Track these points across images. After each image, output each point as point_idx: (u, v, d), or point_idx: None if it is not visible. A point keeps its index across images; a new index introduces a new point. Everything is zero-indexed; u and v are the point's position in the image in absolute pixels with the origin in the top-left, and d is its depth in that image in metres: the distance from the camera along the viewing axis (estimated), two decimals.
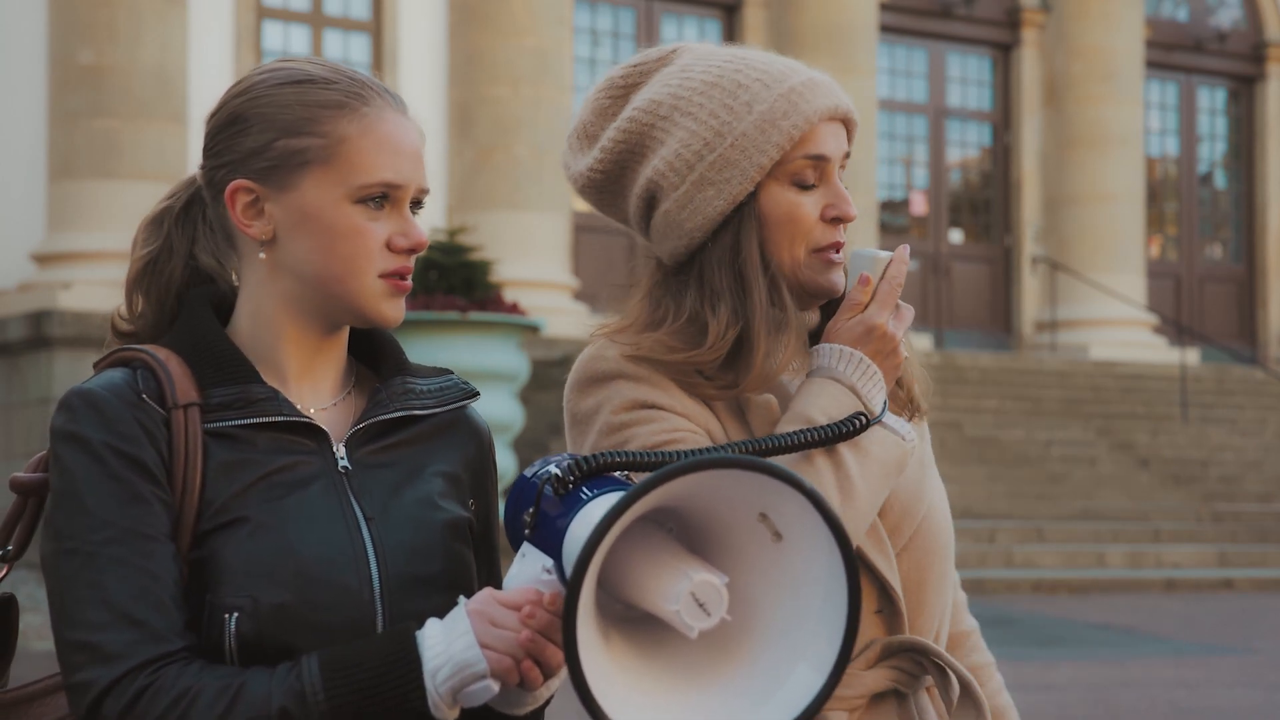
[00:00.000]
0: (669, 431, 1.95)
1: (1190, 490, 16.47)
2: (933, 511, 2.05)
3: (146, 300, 1.89)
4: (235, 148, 1.81)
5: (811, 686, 1.55)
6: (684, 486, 1.51)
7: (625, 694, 1.53)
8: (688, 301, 2.01)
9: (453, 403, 1.92)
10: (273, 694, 1.64)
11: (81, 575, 1.69)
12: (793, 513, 1.54)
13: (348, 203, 1.78)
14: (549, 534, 1.63)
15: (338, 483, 1.80)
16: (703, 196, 1.99)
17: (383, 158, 1.78)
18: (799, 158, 1.98)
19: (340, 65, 1.86)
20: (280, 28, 16.61)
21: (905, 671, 2.01)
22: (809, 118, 1.97)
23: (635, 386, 1.98)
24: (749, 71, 2.01)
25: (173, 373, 1.78)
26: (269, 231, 1.81)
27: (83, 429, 1.73)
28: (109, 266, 13.71)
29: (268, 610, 1.71)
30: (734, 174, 1.98)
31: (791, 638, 1.57)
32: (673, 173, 2.01)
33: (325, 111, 1.79)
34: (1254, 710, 8.04)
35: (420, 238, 1.81)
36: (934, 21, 20.55)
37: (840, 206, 2.00)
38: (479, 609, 1.65)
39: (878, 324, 1.96)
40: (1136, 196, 20.18)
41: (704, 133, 1.99)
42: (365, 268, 1.79)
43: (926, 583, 2.03)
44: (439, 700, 1.64)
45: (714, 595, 1.54)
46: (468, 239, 12.32)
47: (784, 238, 2.00)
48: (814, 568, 1.55)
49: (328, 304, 1.81)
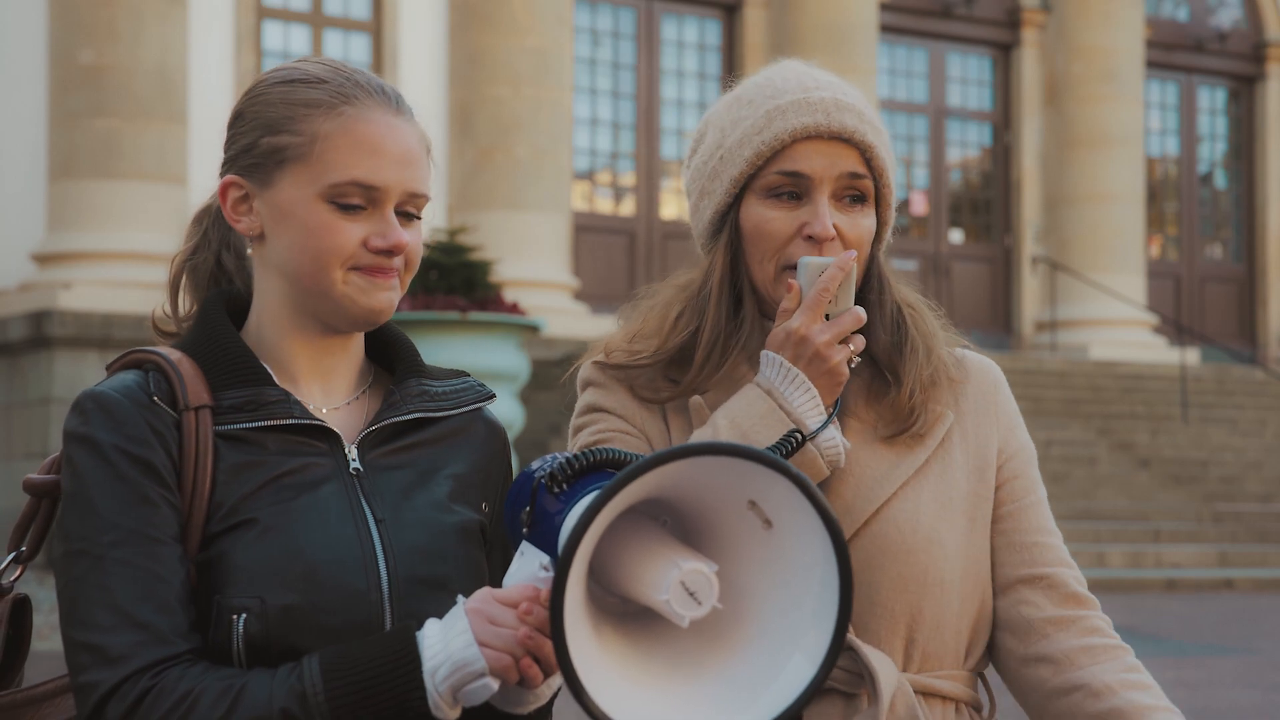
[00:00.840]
0: (599, 433, 2.08)
1: (1190, 490, 16.47)
2: (895, 514, 2.03)
3: (195, 299, 1.92)
4: (232, 145, 1.85)
5: (804, 676, 1.55)
6: (668, 476, 1.52)
7: (615, 684, 1.53)
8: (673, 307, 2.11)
9: (467, 405, 1.93)
10: (274, 694, 1.65)
11: (89, 577, 1.70)
12: (781, 499, 1.55)
13: (320, 201, 1.78)
14: (545, 531, 1.64)
15: (349, 485, 1.81)
16: (702, 205, 2.10)
17: (357, 157, 1.78)
18: (774, 173, 2.03)
19: (344, 66, 1.86)
20: (281, 28, 16.61)
21: (846, 670, 1.99)
22: (779, 135, 2.01)
23: (594, 392, 2.12)
24: (765, 87, 2.07)
25: (185, 375, 1.78)
26: (257, 227, 1.83)
27: (93, 431, 1.74)
28: (109, 266, 13.71)
29: (275, 612, 1.72)
30: (717, 186, 2.06)
31: (784, 626, 1.57)
32: (692, 181, 2.12)
33: (304, 110, 1.80)
34: (1254, 710, 8.04)
35: (398, 239, 1.79)
36: (934, 21, 20.55)
37: (813, 225, 2.01)
38: (477, 607, 1.65)
39: (794, 329, 1.97)
40: (1137, 196, 20.18)
41: (711, 145, 2.09)
42: (335, 264, 1.79)
43: (878, 585, 2.01)
44: (439, 699, 1.65)
45: (704, 584, 1.54)
46: (468, 239, 12.32)
47: (756, 251, 2.05)
48: (805, 555, 1.56)
49: (311, 300, 1.82)
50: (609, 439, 2.06)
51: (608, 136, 18.68)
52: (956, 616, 2.06)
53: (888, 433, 2.07)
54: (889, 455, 2.06)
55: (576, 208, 17.91)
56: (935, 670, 2.05)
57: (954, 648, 2.06)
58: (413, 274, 1.85)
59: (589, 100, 18.43)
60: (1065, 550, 2.14)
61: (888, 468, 2.05)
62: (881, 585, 2.01)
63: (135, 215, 13.83)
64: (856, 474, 2.03)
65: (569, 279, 16.57)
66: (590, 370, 2.12)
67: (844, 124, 2.02)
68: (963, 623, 2.07)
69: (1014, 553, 2.10)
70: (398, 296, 1.83)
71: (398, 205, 1.81)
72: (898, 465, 2.05)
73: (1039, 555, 2.11)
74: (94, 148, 14.04)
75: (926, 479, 2.06)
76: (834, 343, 1.97)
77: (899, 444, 2.07)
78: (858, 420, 2.07)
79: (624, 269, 18.26)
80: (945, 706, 2.05)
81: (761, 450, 1.52)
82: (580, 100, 18.17)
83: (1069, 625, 2.09)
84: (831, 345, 1.97)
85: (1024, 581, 2.09)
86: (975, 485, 2.10)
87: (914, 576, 2.02)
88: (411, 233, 1.82)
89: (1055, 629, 2.08)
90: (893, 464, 2.05)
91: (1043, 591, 2.09)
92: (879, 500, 2.03)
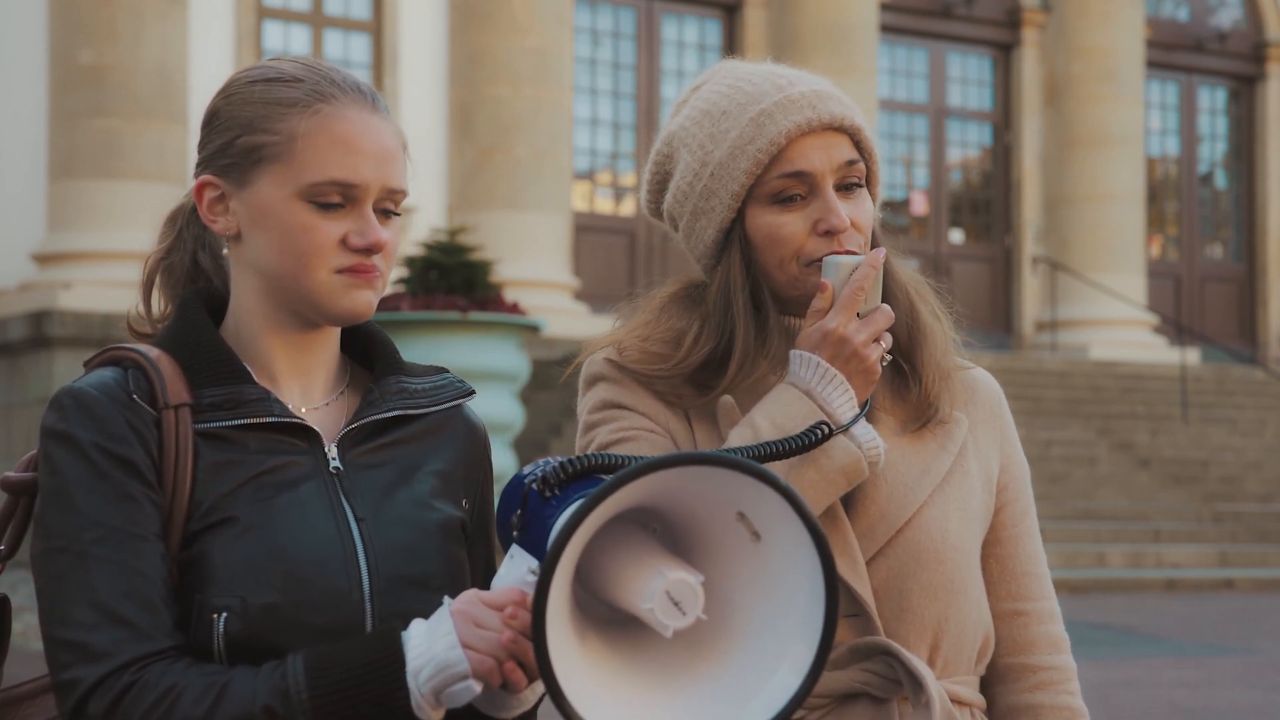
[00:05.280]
0: (623, 430, 2.03)
1: (1190, 490, 16.46)
2: (926, 521, 2.04)
3: (169, 299, 1.92)
4: (208, 144, 1.84)
5: (789, 688, 1.54)
6: (656, 485, 1.51)
7: (596, 691, 1.52)
8: (682, 319, 2.08)
9: (447, 401, 1.92)
10: (257, 692, 1.65)
11: (70, 574, 1.69)
12: (770, 511, 1.54)
13: (299, 200, 1.78)
14: (536, 535, 1.63)
15: (329, 483, 1.80)
16: (699, 226, 2.07)
17: (334, 155, 1.77)
18: (776, 178, 2.01)
19: (320, 64, 1.85)
20: (281, 28, 16.61)
21: (879, 675, 2.00)
22: (774, 139, 2.00)
23: (609, 388, 2.07)
24: (736, 95, 2.04)
25: (164, 373, 1.78)
26: (234, 227, 1.82)
27: (72, 428, 1.73)
28: (109, 266, 13.72)
29: (256, 611, 1.71)
30: (716, 203, 2.04)
31: (770, 638, 1.57)
32: (676, 205, 2.09)
33: (281, 109, 1.79)
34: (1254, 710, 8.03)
35: (377, 237, 1.79)
36: (934, 21, 20.55)
37: (829, 219, 2.00)
38: (463, 609, 1.65)
39: (832, 329, 1.96)
40: (1137, 196, 20.18)
41: (694, 164, 2.05)
42: (316, 264, 1.78)
43: (909, 592, 2.01)
44: (421, 700, 1.64)
45: (689, 594, 1.53)
46: (468, 239, 12.31)
47: (772, 257, 2.03)
48: (792, 568, 1.55)
49: (290, 300, 1.81)
50: (632, 437, 2.02)
51: (608, 136, 18.68)
52: (974, 624, 2.08)
53: (914, 426, 2.08)
54: (917, 461, 2.06)
55: (576, 208, 17.91)
56: (953, 676, 2.06)
57: (968, 654, 2.08)
58: (390, 270, 1.84)
59: (589, 100, 18.43)
60: (1049, 579, 2.19)
61: (918, 474, 2.05)
62: (913, 593, 2.02)
63: (135, 215, 13.83)
64: (890, 479, 2.04)
65: (569, 279, 16.58)
66: (603, 365, 2.08)
67: (832, 112, 2.02)
68: (978, 630, 2.09)
69: (1005, 582, 2.14)
70: (378, 297, 1.83)
71: (376, 202, 1.80)
72: (927, 471, 2.06)
73: (1026, 588, 2.15)
74: (94, 148, 14.05)
75: (950, 486, 2.08)
76: (870, 341, 1.97)
77: (926, 447, 2.07)
78: (887, 415, 2.08)
79: (624, 269, 18.26)
80: (962, 711, 2.06)
81: (750, 462, 1.51)
82: (580, 100, 18.17)
83: (1023, 676, 2.14)
84: (868, 344, 1.97)
85: (1002, 616, 2.13)
86: (985, 497, 2.12)
87: (943, 584, 2.03)
88: (389, 230, 1.82)
89: (1012, 677, 2.14)
90: (922, 470, 2.06)
91: (1019, 629, 2.14)
92: (913, 507, 2.03)
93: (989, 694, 2.14)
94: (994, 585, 2.13)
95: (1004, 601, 2.13)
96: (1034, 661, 2.13)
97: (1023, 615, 2.14)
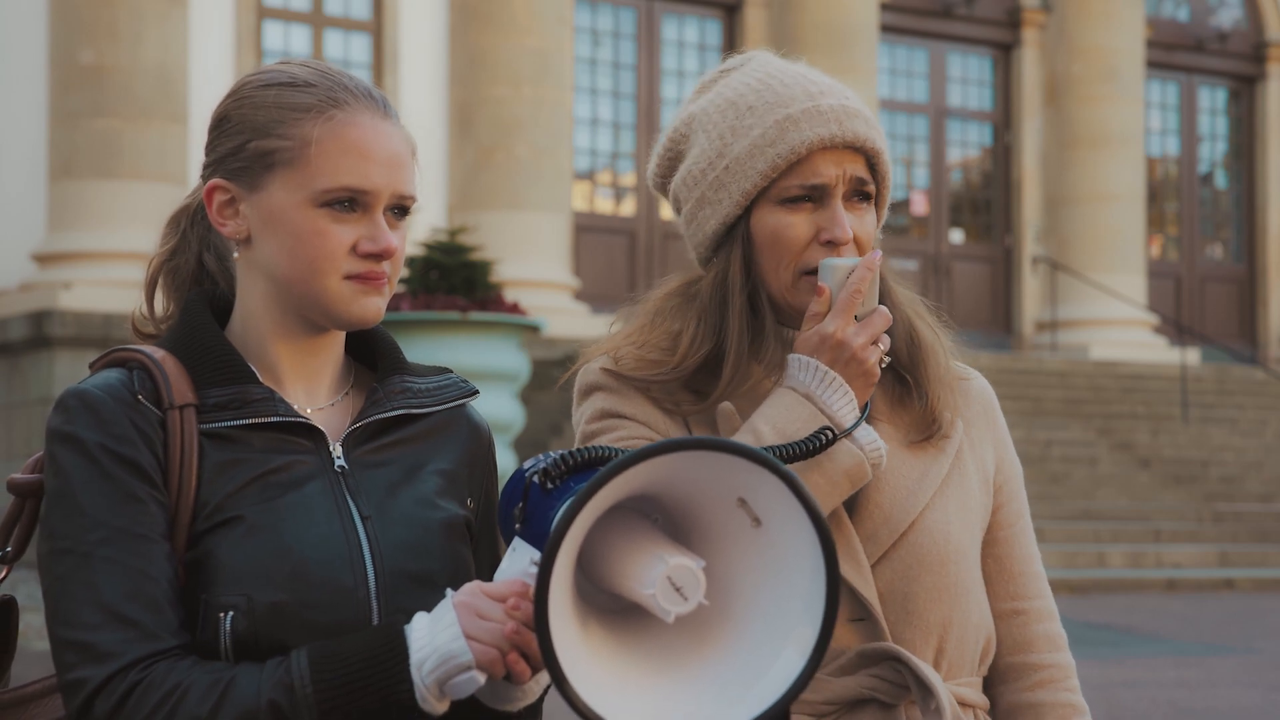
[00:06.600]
0: (622, 439, 2.03)
1: (1191, 490, 16.47)
2: (929, 524, 2.04)
3: (173, 300, 1.92)
4: (218, 148, 1.84)
5: (794, 669, 1.55)
6: (655, 472, 1.52)
7: (600, 678, 1.53)
8: (677, 320, 2.08)
9: (450, 401, 1.93)
10: (262, 687, 1.65)
11: (76, 575, 1.70)
12: (771, 497, 1.55)
13: (311, 206, 1.78)
14: (537, 528, 1.64)
15: (334, 482, 1.81)
16: (703, 215, 2.07)
17: (347, 162, 1.78)
18: (789, 184, 2.02)
19: (332, 69, 1.86)
20: (281, 28, 16.61)
21: (887, 680, 2.00)
22: (795, 148, 2.00)
23: (606, 397, 2.07)
24: (765, 93, 2.04)
25: (169, 373, 1.78)
26: (244, 231, 1.83)
27: (78, 429, 1.74)
28: (110, 266, 13.72)
29: (263, 609, 1.72)
30: (724, 196, 2.04)
31: (773, 621, 1.57)
32: (684, 188, 2.09)
33: (294, 114, 1.80)
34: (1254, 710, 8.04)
35: (389, 243, 1.80)
36: (934, 21, 20.55)
37: (833, 230, 2.01)
38: (465, 601, 1.66)
39: (829, 332, 1.96)
40: (1137, 196, 20.18)
41: (710, 152, 2.05)
42: (328, 270, 1.79)
43: (914, 595, 2.02)
44: (425, 692, 1.65)
45: (690, 579, 1.54)
46: (468, 239, 12.32)
47: (772, 259, 2.04)
48: (793, 552, 1.56)
49: (299, 304, 1.82)
50: (633, 445, 2.00)
51: (608, 136, 18.69)
52: (975, 626, 2.08)
53: (917, 438, 2.08)
54: (916, 464, 2.07)
55: (577, 208, 17.91)
56: (958, 678, 2.07)
57: (971, 656, 2.09)
58: (398, 275, 1.85)
59: (589, 100, 18.43)
60: (1045, 578, 2.21)
61: (918, 477, 2.06)
62: (918, 596, 2.03)
63: (135, 215, 13.83)
64: (892, 483, 2.04)
65: (569, 279, 16.58)
66: (599, 375, 2.09)
67: (856, 133, 2.03)
68: (980, 632, 2.09)
69: (1004, 582, 2.15)
70: (386, 302, 1.84)
71: (386, 208, 1.81)
72: (926, 474, 2.07)
73: (1024, 587, 2.17)
74: (94, 148, 14.05)
75: (950, 488, 2.08)
76: (868, 344, 1.98)
77: (925, 451, 2.08)
78: (887, 424, 2.08)
79: (624, 269, 18.26)
80: (967, 713, 2.07)
81: (749, 446, 1.52)
82: (580, 100, 18.17)
83: (1024, 675, 2.14)
84: (866, 347, 1.97)
85: (1001, 616, 2.14)
86: (983, 498, 2.13)
87: (947, 587, 2.04)
88: (398, 235, 1.82)
89: (1012, 676, 2.15)
90: (922, 473, 2.07)
91: (1018, 627, 2.15)
92: (915, 510, 2.04)
93: (990, 694, 2.14)
94: (993, 585, 2.14)
95: (1003, 601, 2.14)
96: (1034, 660, 2.14)
97: (1021, 614, 2.15)
